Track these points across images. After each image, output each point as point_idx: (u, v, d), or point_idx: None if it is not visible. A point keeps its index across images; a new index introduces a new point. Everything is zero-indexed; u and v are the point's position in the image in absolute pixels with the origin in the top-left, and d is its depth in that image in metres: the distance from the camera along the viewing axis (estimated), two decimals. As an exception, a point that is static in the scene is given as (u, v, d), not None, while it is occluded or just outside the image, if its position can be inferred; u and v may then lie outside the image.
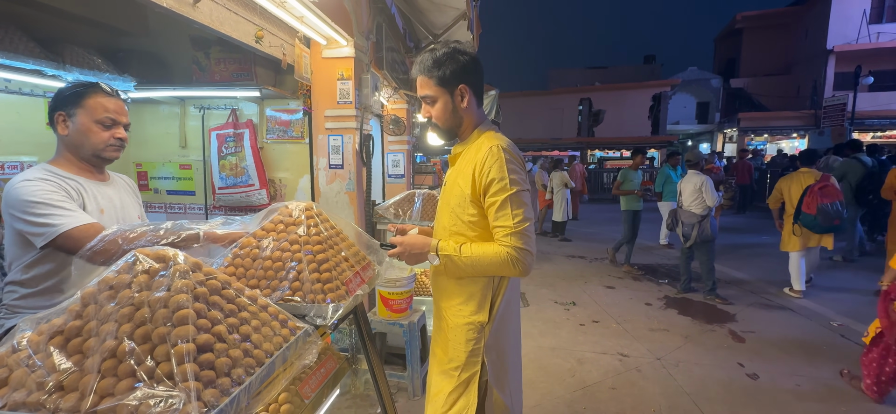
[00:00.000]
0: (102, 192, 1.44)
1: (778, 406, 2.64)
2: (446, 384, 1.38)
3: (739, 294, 4.73)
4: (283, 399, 1.18)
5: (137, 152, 3.36)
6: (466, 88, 1.33)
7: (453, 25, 4.20)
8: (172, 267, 0.83)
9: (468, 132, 1.40)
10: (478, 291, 1.34)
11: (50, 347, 0.72)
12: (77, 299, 0.78)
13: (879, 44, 15.26)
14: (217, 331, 0.80)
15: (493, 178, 1.24)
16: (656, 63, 25.12)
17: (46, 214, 1.21)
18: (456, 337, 1.36)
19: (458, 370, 1.36)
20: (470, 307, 1.35)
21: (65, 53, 2.24)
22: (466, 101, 1.34)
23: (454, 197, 1.36)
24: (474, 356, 1.35)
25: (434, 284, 1.48)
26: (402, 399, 2.70)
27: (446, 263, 1.31)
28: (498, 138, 1.32)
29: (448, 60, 1.30)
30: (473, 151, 1.33)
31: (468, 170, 1.31)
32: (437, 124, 1.37)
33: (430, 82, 1.32)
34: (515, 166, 1.27)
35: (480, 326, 1.34)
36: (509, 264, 1.24)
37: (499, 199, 1.25)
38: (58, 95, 1.36)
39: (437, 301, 1.48)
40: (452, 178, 1.39)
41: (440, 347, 1.44)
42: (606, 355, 3.31)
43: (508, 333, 1.42)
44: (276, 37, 2.37)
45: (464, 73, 1.31)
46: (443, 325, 1.43)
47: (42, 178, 1.28)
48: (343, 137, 2.89)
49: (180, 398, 0.67)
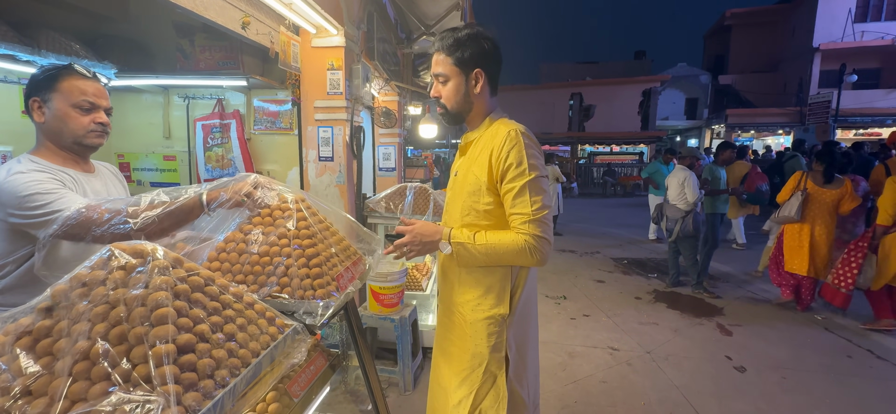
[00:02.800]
0: (91, 185, 1.36)
1: (765, 398, 2.68)
2: (469, 382, 1.32)
3: (727, 288, 4.80)
4: (271, 398, 1.14)
5: (119, 143, 3.26)
6: (482, 74, 1.28)
7: (446, 16, 4.14)
8: (151, 263, 0.78)
9: (478, 120, 1.35)
10: (496, 282, 1.30)
11: (16, 348, 0.67)
12: (47, 297, 0.73)
13: (863, 43, 15.54)
14: (199, 330, 0.76)
15: (511, 163, 1.20)
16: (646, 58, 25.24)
17: (44, 203, 1.14)
18: (476, 332, 1.31)
19: (482, 365, 1.31)
20: (489, 301, 1.30)
21: (40, 38, 2.14)
22: (480, 87, 1.29)
23: (468, 185, 1.30)
24: (497, 350, 1.31)
25: (444, 280, 1.42)
26: (393, 394, 2.68)
27: (459, 251, 1.25)
28: (514, 123, 1.28)
29: (470, 42, 1.25)
30: (489, 138, 1.28)
31: (484, 157, 1.26)
32: (445, 106, 1.32)
33: (448, 61, 1.27)
34: (534, 151, 1.23)
35: (502, 319, 1.30)
36: (527, 253, 1.19)
37: (517, 186, 1.20)
38: (31, 80, 1.28)
39: (448, 297, 1.41)
40: (466, 167, 1.34)
41: (456, 346, 1.38)
42: (597, 349, 3.32)
43: (528, 326, 1.39)
44: (263, 24, 2.29)
45: (483, 58, 1.27)
46: (458, 321, 1.36)
47: (34, 170, 1.21)
48: (333, 129, 2.83)
49: (159, 403, 0.63)
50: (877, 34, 15.44)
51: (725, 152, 5.27)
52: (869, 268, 3.55)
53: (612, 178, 16.67)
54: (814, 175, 4.00)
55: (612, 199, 14.85)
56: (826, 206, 3.87)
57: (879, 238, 3.51)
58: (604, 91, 20.19)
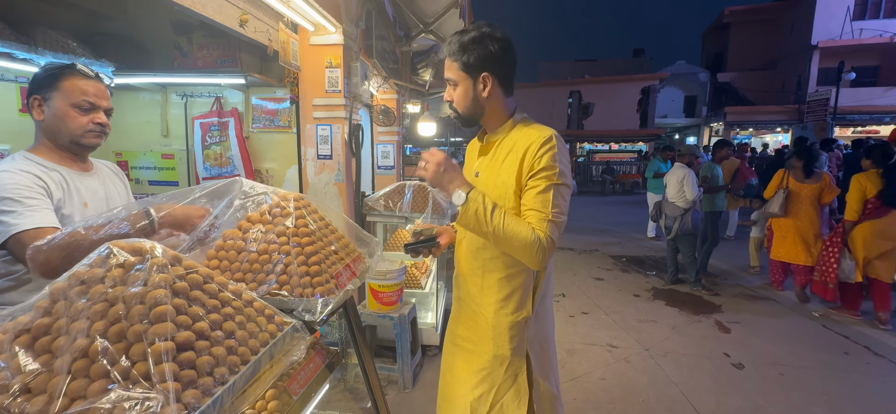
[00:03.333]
0: (86, 184, 1.36)
1: (762, 394, 2.69)
2: (490, 379, 1.35)
3: (725, 285, 4.81)
4: (270, 396, 1.15)
5: (117, 141, 3.25)
6: (490, 77, 1.25)
7: (444, 14, 4.13)
8: (149, 260, 0.78)
9: (499, 122, 1.33)
10: (520, 286, 1.32)
11: (15, 346, 0.67)
12: (45, 295, 0.73)
13: (862, 40, 15.56)
14: (198, 328, 0.76)
15: (544, 165, 1.20)
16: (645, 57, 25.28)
17: (9, 210, 1.14)
18: (499, 334, 1.33)
19: (503, 365, 1.33)
20: (512, 305, 1.32)
21: (37, 36, 2.13)
22: (488, 91, 1.27)
23: (494, 189, 1.28)
24: (519, 353, 1.33)
25: (465, 280, 1.42)
26: (392, 392, 2.68)
27: (474, 210, 1.18)
28: (548, 128, 1.26)
29: (474, 46, 1.23)
30: (518, 141, 1.26)
31: (512, 160, 1.25)
32: (457, 109, 1.33)
33: (455, 66, 1.27)
34: (566, 159, 1.24)
35: (525, 322, 1.33)
36: (533, 248, 1.16)
37: (543, 184, 1.20)
38: (33, 78, 1.28)
39: (468, 294, 1.41)
40: (492, 170, 1.31)
41: (475, 345, 1.39)
42: (596, 346, 3.33)
43: (547, 323, 1.42)
44: (261, 21, 2.29)
45: (490, 61, 1.25)
46: (480, 321, 1.37)
47: (22, 170, 1.20)
48: (332, 127, 2.82)
49: (158, 400, 0.63)
50: (875, 32, 15.46)
51: (722, 150, 5.42)
52: (844, 261, 3.73)
53: (610, 175, 16.69)
54: (794, 172, 4.24)
55: (610, 197, 14.86)
56: (808, 199, 4.13)
57: (848, 233, 3.72)
58: (602, 89, 20.19)
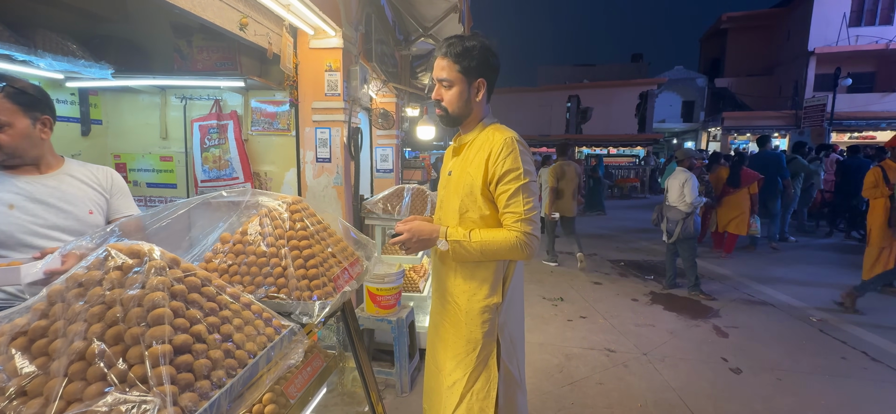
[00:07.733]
0: (19, 186, 1.32)
1: (760, 399, 2.69)
2: (464, 365, 1.44)
3: (723, 289, 4.82)
4: (268, 399, 1.14)
5: (116, 143, 3.25)
6: (484, 83, 1.38)
7: (444, 18, 4.15)
8: (147, 263, 0.78)
9: (473, 124, 1.44)
10: (491, 275, 1.41)
11: (11, 349, 0.67)
12: (43, 297, 0.73)
13: (858, 47, 15.64)
14: (196, 331, 0.76)
15: (508, 168, 1.32)
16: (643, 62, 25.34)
17: None
18: (471, 320, 1.42)
19: (476, 349, 1.42)
20: (484, 291, 1.41)
21: (36, 38, 2.14)
22: (481, 96, 1.39)
23: (464, 186, 1.40)
24: (490, 336, 1.43)
25: (439, 271, 1.52)
26: (389, 396, 2.67)
27: (455, 248, 1.36)
28: (510, 131, 1.39)
29: (478, 53, 1.34)
30: (485, 142, 1.38)
31: (479, 160, 1.37)
32: (447, 108, 1.40)
33: (454, 67, 1.35)
34: (527, 157, 1.36)
35: (496, 307, 1.42)
36: (518, 248, 1.31)
37: (512, 188, 1.32)
38: None
39: (443, 286, 1.51)
40: (461, 168, 1.43)
41: (451, 333, 1.48)
42: (594, 351, 3.33)
43: (516, 311, 1.52)
44: (261, 25, 2.29)
45: (487, 69, 1.38)
46: (453, 309, 1.47)
47: None
48: (331, 130, 2.83)
49: (155, 403, 0.63)
50: (871, 38, 15.55)
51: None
52: None
53: (609, 180, 16.71)
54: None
55: (609, 202, 14.87)
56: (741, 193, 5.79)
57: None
58: (601, 94, 20.25)
